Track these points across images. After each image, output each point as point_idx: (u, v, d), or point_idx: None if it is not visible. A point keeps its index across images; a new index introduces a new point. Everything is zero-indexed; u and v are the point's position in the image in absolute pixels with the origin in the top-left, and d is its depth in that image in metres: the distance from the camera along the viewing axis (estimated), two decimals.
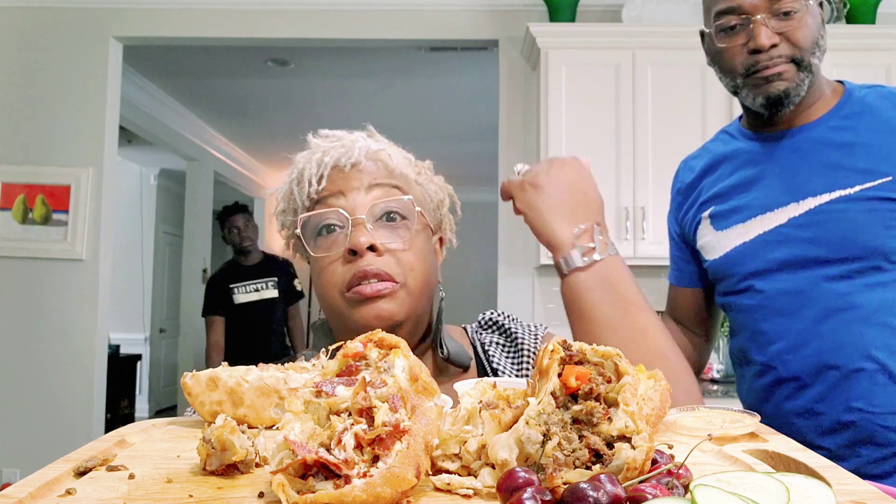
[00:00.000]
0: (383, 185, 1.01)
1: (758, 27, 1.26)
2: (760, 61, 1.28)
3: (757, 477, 0.49)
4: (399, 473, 0.50)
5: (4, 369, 3.67)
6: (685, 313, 1.57)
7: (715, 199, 1.43)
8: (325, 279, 0.99)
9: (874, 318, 1.24)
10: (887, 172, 1.24)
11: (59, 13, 3.79)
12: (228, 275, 4.54)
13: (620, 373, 0.57)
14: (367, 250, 0.96)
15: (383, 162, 1.03)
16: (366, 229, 0.97)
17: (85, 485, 0.57)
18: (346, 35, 3.79)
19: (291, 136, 1.84)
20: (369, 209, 0.98)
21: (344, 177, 1.00)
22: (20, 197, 3.73)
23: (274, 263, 4.65)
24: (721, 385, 3.22)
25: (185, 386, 0.78)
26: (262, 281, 4.52)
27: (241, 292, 4.47)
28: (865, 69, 3.22)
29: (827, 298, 1.27)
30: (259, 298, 4.49)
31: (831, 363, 1.26)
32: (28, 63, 3.78)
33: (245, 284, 4.50)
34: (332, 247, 0.99)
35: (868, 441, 1.24)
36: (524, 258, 3.67)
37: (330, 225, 0.99)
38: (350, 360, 0.59)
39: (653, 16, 3.47)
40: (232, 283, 4.49)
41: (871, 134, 1.28)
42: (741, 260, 1.37)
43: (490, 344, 1.12)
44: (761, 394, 1.38)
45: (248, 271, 4.55)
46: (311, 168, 1.02)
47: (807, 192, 1.30)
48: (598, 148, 3.32)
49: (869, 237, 1.24)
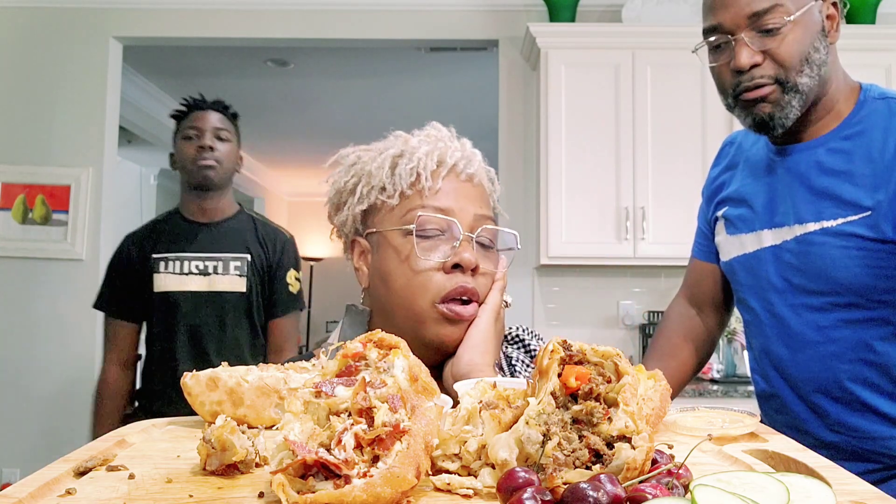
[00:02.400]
0: (487, 208, 1.04)
1: (739, 46, 1.21)
2: (742, 82, 1.23)
3: (757, 477, 0.49)
4: (399, 473, 0.50)
5: (4, 369, 3.67)
6: (705, 291, 1.54)
7: (728, 201, 1.43)
8: (418, 282, 0.98)
9: (849, 353, 1.23)
10: (868, 207, 1.19)
11: (59, 13, 3.79)
12: (153, 236, 2.31)
13: (620, 373, 0.57)
14: (470, 271, 0.98)
15: (484, 182, 1.06)
16: (471, 247, 0.99)
17: (85, 485, 0.57)
18: (346, 35, 3.79)
19: (291, 136, 1.85)
20: (479, 231, 1.00)
21: (458, 186, 1.01)
22: (20, 197, 3.72)
23: (252, 231, 2.34)
24: (721, 385, 3.22)
25: (184, 386, 0.78)
26: (220, 258, 2.25)
27: (169, 271, 2.24)
28: (865, 69, 3.21)
29: (805, 329, 1.26)
30: (207, 289, 2.24)
31: (809, 391, 1.27)
32: (28, 63, 3.78)
33: (181, 258, 2.24)
34: (435, 253, 0.98)
35: (856, 458, 1.24)
36: (524, 258, 3.67)
37: (434, 231, 0.99)
38: (350, 360, 0.59)
39: (653, 16, 3.46)
40: (156, 251, 2.26)
41: (861, 162, 1.22)
42: (739, 270, 1.38)
43: (516, 360, 1.14)
44: (759, 401, 1.41)
45: (195, 234, 2.28)
46: (431, 160, 1.00)
47: (798, 218, 1.27)
48: (598, 148, 3.31)
49: (845, 275, 1.21)
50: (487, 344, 0.98)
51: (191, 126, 2.28)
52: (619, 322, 3.64)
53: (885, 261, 1.18)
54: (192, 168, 2.25)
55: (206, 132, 2.26)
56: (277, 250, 2.34)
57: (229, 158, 2.31)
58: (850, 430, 1.24)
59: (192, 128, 2.28)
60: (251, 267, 2.28)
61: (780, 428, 1.28)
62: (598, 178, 3.30)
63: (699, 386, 3.17)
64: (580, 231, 3.29)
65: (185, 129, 2.29)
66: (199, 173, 2.25)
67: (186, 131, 2.28)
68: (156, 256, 2.25)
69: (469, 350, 0.97)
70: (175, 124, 2.36)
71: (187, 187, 2.31)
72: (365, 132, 1.20)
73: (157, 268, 2.24)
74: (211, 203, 2.30)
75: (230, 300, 2.24)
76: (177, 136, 2.33)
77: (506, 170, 3.75)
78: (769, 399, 1.36)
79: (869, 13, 3.42)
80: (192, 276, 2.23)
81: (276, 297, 2.32)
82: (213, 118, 2.30)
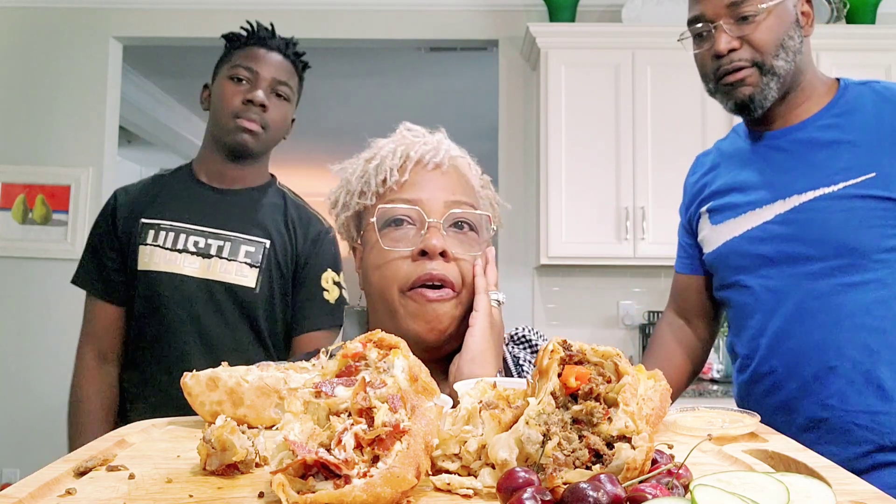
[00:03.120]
0: (460, 193, 1.03)
1: (718, 33, 1.32)
2: (722, 65, 1.33)
3: (757, 477, 0.49)
4: (399, 473, 0.50)
5: (4, 369, 3.67)
6: (690, 303, 1.58)
7: (714, 195, 1.46)
8: (388, 272, 0.99)
9: (851, 318, 1.26)
10: (871, 169, 1.26)
11: (59, 13, 3.79)
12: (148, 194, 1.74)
13: (620, 373, 0.57)
14: (438, 255, 0.97)
15: (462, 169, 1.06)
16: (440, 233, 0.98)
17: (85, 485, 0.57)
18: (346, 35, 3.79)
19: (291, 136, 1.83)
20: (447, 216, 1.00)
21: (425, 176, 1.02)
22: (20, 197, 3.73)
23: (280, 210, 1.74)
24: (721, 385, 3.22)
25: (184, 386, 0.78)
26: (228, 237, 1.66)
27: (158, 243, 1.66)
28: (865, 69, 3.22)
29: (805, 297, 1.30)
30: (201, 275, 1.64)
31: (807, 361, 1.29)
32: (28, 63, 3.78)
33: (177, 229, 1.67)
34: (401, 242, 0.99)
35: (843, 439, 1.26)
36: (524, 258, 3.67)
37: (401, 219, 1.00)
38: (349, 360, 0.59)
39: (653, 16, 3.47)
40: (148, 214, 1.69)
41: (858, 132, 1.30)
42: (731, 255, 1.40)
43: (524, 360, 1.14)
44: (745, 388, 1.42)
45: (202, 200, 1.70)
46: (395, 158, 1.02)
47: (792, 191, 1.32)
48: (598, 148, 3.32)
49: (846, 235, 1.26)
50: (486, 354, 0.97)
51: (244, 65, 1.65)
52: (619, 322, 3.64)
53: (886, 219, 1.25)
54: (229, 125, 1.63)
55: (263, 81, 1.65)
56: (309, 241, 1.70)
57: (281, 125, 1.70)
58: (842, 402, 1.26)
59: (245, 68, 1.65)
60: (269, 257, 1.65)
61: (769, 411, 1.30)
62: (598, 178, 3.30)
63: (699, 386, 3.17)
64: (580, 231, 3.29)
65: (235, 63, 1.66)
66: (236, 137, 1.63)
67: (237, 69, 1.66)
68: (146, 221, 1.66)
69: (468, 363, 0.96)
70: (224, 48, 1.75)
71: (212, 142, 1.70)
72: (365, 132, 1.20)
73: (145, 237, 1.65)
74: (236, 171, 1.70)
75: (233, 297, 1.62)
76: (221, 67, 1.71)
77: (506, 170, 3.75)
78: (759, 381, 1.37)
79: (869, 13, 3.42)
80: (186, 255, 1.63)
81: (304, 305, 1.68)
82: (277, 63, 1.68)
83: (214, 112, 1.69)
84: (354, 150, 1.10)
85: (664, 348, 1.57)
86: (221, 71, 1.70)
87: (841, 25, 3.41)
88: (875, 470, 1.24)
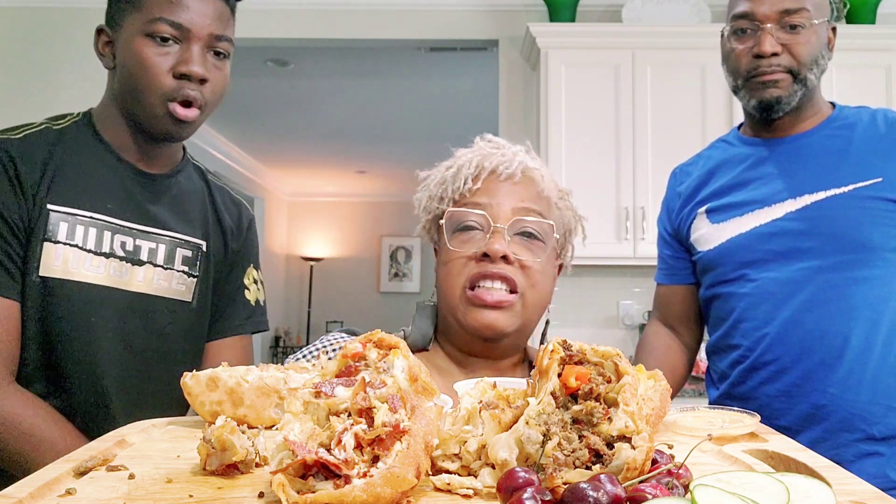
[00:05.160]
0: (529, 202, 1.09)
1: (764, 35, 1.37)
2: (761, 66, 1.38)
3: (757, 477, 0.49)
4: (399, 473, 0.50)
5: None
6: (676, 312, 1.62)
7: (713, 196, 1.50)
8: (451, 272, 1.07)
9: (858, 311, 1.32)
10: (878, 174, 1.35)
11: (58, 13, 3.79)
12: (51, 163, 1.18)
13: (620, 373, 0.57)
14: (500, 259, 1.03)
15: (535, 181, 1.12)
16: (503, 239, 1.05)
17: (85, 485, 0.57)
18: (346, 35, 3.79)
19: (291, 136, 1.83)
20: (512, 222, 1.06)
21: (497, 185, 1.09)
22: None
23: (207, 197, 1.38)
24: None
25: (185, 386, 0.78)
26: (165, 238, 1.26)
27: (74, 242, 1.16)
28: (865, 69, 3.22)
29: (815, 289, 1.34)
30: (126, 287, 1.21)
31: (813, 351, 1.33)
32: (28, 63, 3.78)
33: (101, 225, 1.19)
34: (467, 245, 1.07)
35: (837, 427, 1.31)
36: None
37: (471, 225, 1.08)
38: (349, 360, 0.59)
39: (653, 16, 3.47)
40: (56, 199, 1.16)
41: (862, 142, 1.39)
42: (736, 250, 1.44)
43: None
44: (737, 377, 1.44)
45: (133, 186, 1.25)
46: (471, 167, 1.11)
47: (803, 190, 1.38)
48: (598, 148, 3.31)
49: (859, 232, 1.33)
50: None
51: (168, 19, 1.17)
52: (619, 322, 3.64)
53: (894, 220, 1.33)
54: (157, 112, 1.19)
55: (198, 41, 1.19)
56: (242, 234, 1.41)
57: (221, 94, 1.26)
58: (842, 390, 1.31)
59: (170, 23, 1.16)
60: (204, 262, 1.33)
61: (766, 398, 1.35)
62: (597, 178, 3.30)
63: (699, 386, 3.17)
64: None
65: (154, 15, 1.17)
66: (167, 127, 1.21)
67: (158, 25, 1.16)
68: (54, 209, 1.16)
69: None
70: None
71: (124, 115, 1.25)
72: (365, 132, 1.20)
73: (54, 231, 1.15)
74: (159, 149, 1.29)
75: (172, 315, 1.27)
76: (128, 12, 1.20)
77: None
78: (759, 369, 1.39)
79: (869, 13, 3.42)
80: (112, 261, 1.20)
81: (225, 305, 1.37)
82: (211, 9, 1.20)
83: (129, 82, 1.20)
84: (354, 150, 1.11)
85: (653, 355, 1.59)
86: (131, 19, 1.19)
87: (841, 25, 3.40)
88: (860, 459, 1.29)
